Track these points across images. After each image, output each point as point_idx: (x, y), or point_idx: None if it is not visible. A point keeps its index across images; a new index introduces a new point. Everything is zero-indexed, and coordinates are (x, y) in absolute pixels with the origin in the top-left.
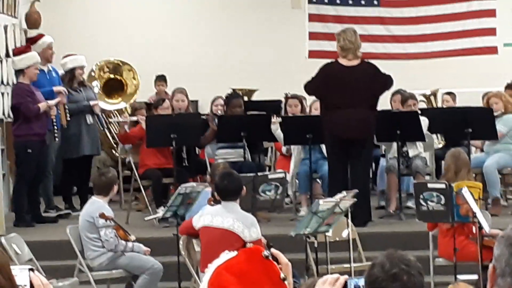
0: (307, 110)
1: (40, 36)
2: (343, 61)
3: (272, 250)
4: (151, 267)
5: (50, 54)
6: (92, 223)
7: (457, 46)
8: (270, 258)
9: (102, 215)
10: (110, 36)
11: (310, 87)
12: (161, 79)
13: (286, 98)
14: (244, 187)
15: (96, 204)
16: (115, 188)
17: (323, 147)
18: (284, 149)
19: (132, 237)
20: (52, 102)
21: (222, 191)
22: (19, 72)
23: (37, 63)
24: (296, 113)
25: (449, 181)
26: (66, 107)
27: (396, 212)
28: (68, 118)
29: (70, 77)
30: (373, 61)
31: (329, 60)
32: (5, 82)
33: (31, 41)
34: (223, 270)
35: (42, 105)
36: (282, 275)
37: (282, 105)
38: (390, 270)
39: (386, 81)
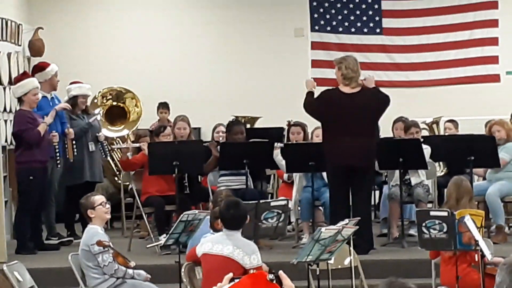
0: (309, 137)
1: (45, 64)
2: (344, 89)
3: (280, 272)
4: None
5: (57, 82)
6: (88, 251)
7: (459, 74)
8: (275, 282)
9: (99, 243)
10: (113, 63)
11: (309, 106)
12: (163, 106)
13: (289, 125)
14: (248, 217)
15: (90, 232)
16: (93, 212)
17: (325, 174)
18: (285, 176)
19: (132, 263)
20: (48, 119)
21: (227, 220)
22: (20, 100)
23: (35, 89)
24: (299, 141)
25: (451, 208)
26: (74, 142)
27: (399, 240)
28: (75, 153)
29: (72, 104)
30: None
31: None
32: (7, 109)
33: (36, 69)
34: None
35: (42, 127)
36: None
37: (285, 133)
38: None
39: (384, 103)
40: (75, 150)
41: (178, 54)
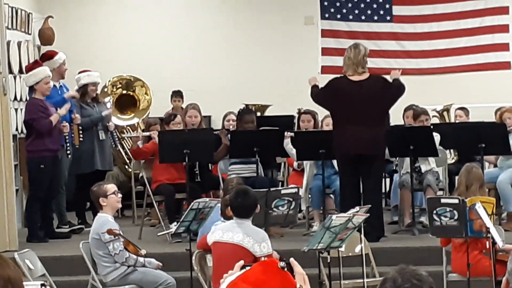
0: (320, 125)
1: (53, 52)
2: (351, 76)
3: (291, 259)
4: (164, 282)
5: (65, 70)
6: (99, 239)
7: (470, 61)
8: (286, 269)
9: (110, 231)
10: (123, 52)
11: (316, 96)
12: (177, 94)
13: (299, 113)
14: (259, 206)
15: (100, 221)
16: (106, 200)
17: (335, 162)
18: (295, 164)
19: (143, 252)
20: (62, 111)
21: (235, 208)
22: (31, 89)
23: (47, 78)
24: (309, 128)
25: (461, 195)
26: (80, 127)
27: (410, 227)
28: (81, 139)
29: (83, 92)
30: (386, 77)
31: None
32: (18, 98)
33: (44, 57)
34: (240, 280)
35: (54, 118)
36: (298, 285)
37: (295, 121)
38: (402, 285)
39: (396, 91)
40: (81, 136)
41: (188, 43)
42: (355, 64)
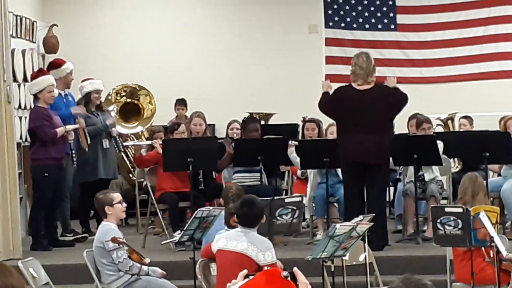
0: (324, 134)
1: (61, 61)
2: (356, 85)
3: (294, 269)
4: None
5: (71, 80)
6: (102, 248)
7: (473, 70)
8: (290, 278)
9: (114, 240)
10: (127, 60)
11: (324, 106)
12: (181, 103)
13: (304, 121)
14: (264, 216)
15: (104, 229)
16: (111, 209)
17: (340, 171)
18: (299, 172)
19: (147, 260)
20: (70, 127)
21: (241, 217)
22: (35, 97)
23: (50, 86)
24: (314, 137)
25: (466, 204)
26: (86, 131)
27: (413, 236)
28: (89, 142)
29: (86, 100)
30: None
31: (343, 84)
32: (22, 106)
33: (51, 66)
34: None
35: (60, 130)
36: None
37: (299, 129)
38: None
39: (399, 100)
40: (88, 139)
41: (193, 51)
42: (367, 74)
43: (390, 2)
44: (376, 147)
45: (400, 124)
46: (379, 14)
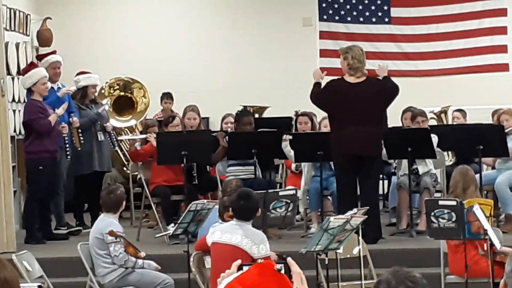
0: (317, 127)
1: (48, 54)
2: (349, 79)
3: (288, 259)
4: (162, 282)
5: (53, 73)
6: (102, 239)
7: (468, 63)
8: (283, 271)
9: (111, 233)
10: (120, 53)
11: (316, 97)
12: (167, 96)
13: (297, 115)
14: (260, 210)
15: (106, 221)
16: (124, 204)
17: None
18: (293, 166)
19: (142, 254)
20: (60, 111)
21: (236, 211)
22: (29, 91)
23: (43, 78)
24: (307, 130)
25: (457, 198)
26: (79, 130)
27: (407, 229)
28: (82, 141)
29: (83, 94)
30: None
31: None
32: (16, 99)
33: (40, 57)
34: (236, 283)
35: (52, 118)
36: (295, 287)
37: (293, 122)
38: (395, 287)
39: (391, 92)
40: (82, 138)
41: (186, 44)
42: (364, 65)
43: None
44: (369, 139)
45: (394, 118)
46: (373, 7)
